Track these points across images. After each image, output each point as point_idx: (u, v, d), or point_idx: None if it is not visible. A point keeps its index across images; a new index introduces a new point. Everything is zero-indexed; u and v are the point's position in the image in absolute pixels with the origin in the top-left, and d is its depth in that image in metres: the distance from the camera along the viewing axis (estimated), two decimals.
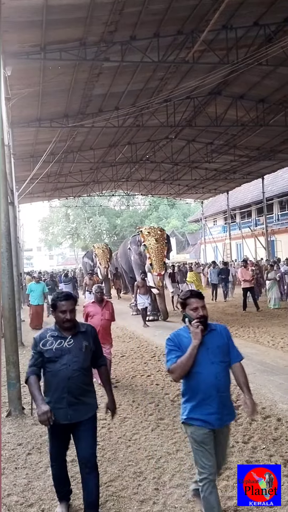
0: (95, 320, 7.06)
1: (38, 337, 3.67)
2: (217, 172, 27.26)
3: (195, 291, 3.52)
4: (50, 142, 16.75)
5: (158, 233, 15.06)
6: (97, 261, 23.30)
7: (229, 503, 3.80)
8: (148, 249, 14.62)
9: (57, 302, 3.62)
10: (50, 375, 3.57)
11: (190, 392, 3.41)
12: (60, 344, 3.57)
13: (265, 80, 14.91)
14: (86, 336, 3.70)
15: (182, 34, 11.87)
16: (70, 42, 11.21)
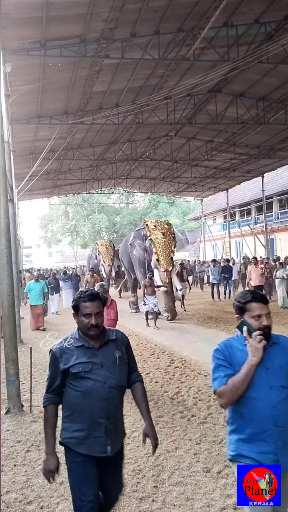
0: None
1: (57, 350, 2.89)
2: (217, 170, 27.24)
3: (257, 293, 2.78)
4: (50, 139, 16.71)
5: (165, 227, 14.41)
6: (101, 258, 22.38)
7: (228, 500, 3.80)
8: (154, 243, 13.90)
9: (80, 303, 2.90)
10: (80, 395, 2.81)
11: (240, 422, 2.67)
12: (88, 356, 2.85)
13: (266, 78, 14.88)
14: (118, 345, 3.00)
15: (182, 31, 11.83)
16: (70, 38, 11.17)
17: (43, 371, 8.58)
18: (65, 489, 4.13)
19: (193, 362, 8.72)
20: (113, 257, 22.44)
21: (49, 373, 2.92)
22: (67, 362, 2.83)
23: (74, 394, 2.83)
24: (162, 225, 14.51)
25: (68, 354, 2.86)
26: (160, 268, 13.52)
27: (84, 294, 2.95)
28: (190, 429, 5.38)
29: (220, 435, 5.16)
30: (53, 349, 2.92)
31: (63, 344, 2.92)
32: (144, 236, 14.99)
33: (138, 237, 15.64)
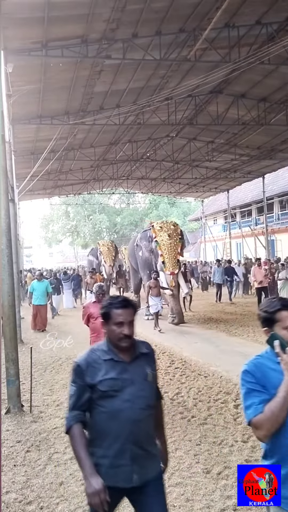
0: (98, 321, 6.81)
1: (83, 362, 2.55)
2: (217, 171, 27.23)
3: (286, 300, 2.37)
4: (51, 140, 16.70)
5: (171, 228, 13.96)
6: (102, 259, 21.98)
7: (228, 502, 3.80)
8: (160, 245, 13.51)
9: (111, 310, 2.56)
10: (106, 417, 2.45)
11: (278, 455, 2.29)
12: (118, 372, 2.49)
13: (267, 79, 14.87)
14: (148, 360, 2.65)
15: (184, 32, 11.83)
16: (72, 39, 11.17)
17: (43, 371, 8.60)
18: (65, 489, 4.13)
19: (193, 363, 8.72)
20: (115, 258, 22.08)
21: (73, 388, 2.52)
22: (94, 377, 2.48)
23: (99, 416, 2.48)
24: (168, 226, 14.12)
25: (95, 368, 2.50)
26: (166, 271, 13.15)
27: (115, 300, 2.61)
28: (190, 430, 5.38)
29: (220, 436, 5.16)
30: (78, 361, 2.57)
31: (89, 355, 2.57)
32: (150, 238, 14.58)
33: (144, 238, 15.23)
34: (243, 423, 5.54)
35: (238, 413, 5.88)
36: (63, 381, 7.79)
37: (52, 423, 5.81)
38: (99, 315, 6.16)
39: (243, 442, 5.00)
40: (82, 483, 4.18)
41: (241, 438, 5.10)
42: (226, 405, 6.22)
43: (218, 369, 8.15)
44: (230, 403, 6.25)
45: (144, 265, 15.22)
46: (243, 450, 4.80)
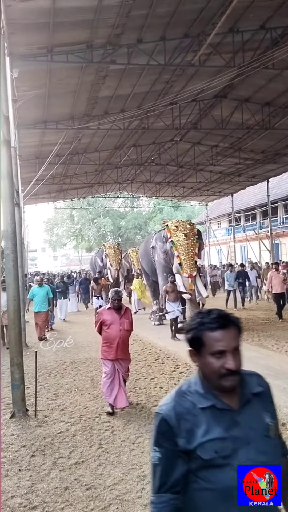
0: (112, 330, 6.25)
1: (171, 414, 1.69)
2: (222, 174, 27.23)
3: None
4: (56, 144, 16.77)
5: (187, 227, 12.94)
6: (108, 262, 20.94)
7: None
8: (176, 246, 12.52)
9: (204, 333, 1.72)
10: (212, 497, 1.66)
11: None
12: (225, 427, 1.67)
13: (271, 83, 14.89)
14: (264, 403, 1.83)
15: (188, 37, 11.87)
16: (77, 44, 11.23)
17: (47, 375, 8.62)
18: (70, 494, 4.14)
19: None
20: (121, 261, 21.30)
21: (158, 456, 1.70)
22: (192, 438, 1.65)
23: (202, 494, 1.66)
24: (184, 225, 13.08)
25: (190, 423, 1.67)
26: (183, 273, 12.12)
27: (208, 317, 1.74)
28: None
29: None
30: (162, 413, 1.72)
31: (178, 402, 1.73)
32: (164, 238, 13.61)
33: (159, 239, 14.22)
34: None
35: None
36: (67, 386, 7.81)
37: (57, 427, 5.82)
38: (113, 322, 6.28)
39: None
40: (87, 487, 4.21)
41: None
42: None
43: None
44: None
45: (160, 268, 14.35)
46: None
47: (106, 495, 4.11)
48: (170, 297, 12.14)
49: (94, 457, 4.91)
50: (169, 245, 13.02)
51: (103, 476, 4.48)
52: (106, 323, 6.26)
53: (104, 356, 6.40)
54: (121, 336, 6.28)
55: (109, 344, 6.27)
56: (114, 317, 6.29)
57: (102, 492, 4.16)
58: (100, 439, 5.38)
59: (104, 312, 6.37)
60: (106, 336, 6.30)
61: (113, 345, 6.26)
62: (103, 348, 6.38)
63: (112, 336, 6.25)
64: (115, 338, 6.25)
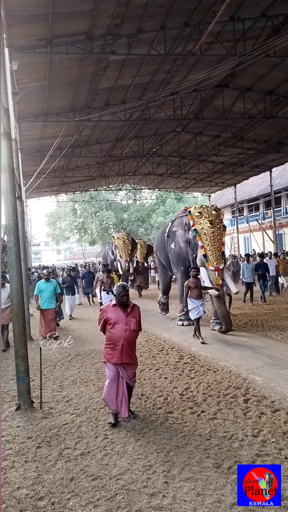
0: (117, 330, 5.56)
1: None
2: (224, 165, 27.13)
3: None
4: (57, 137, 16.72)
5: (212, 213, 11.46)
6: (117, 253, 19.71)
7: None
8: (200, 235, 11.12)
9: None
10: None
11: None
12: None
13: (273, 72, 14.77)
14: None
15: (188, 26, 11.78)
16: (77, 35, 11.16)
17: (52, 367, 8.63)
18: (76, 485, 4.15)
19: (202, 358, 8.71)
20: (131, 252, 20.06)
21: None
22: None
23: None
24: (209, 211, 11.63)
25: None
26: (209, 266, 10.77)
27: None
28: (200, 425, 5.38)
29: (230, 431, 5.15)
30: None
31: None
32: (186, 226, 12.07)
33: (180, 226, 12.57)
34: (253, 417, 5.53)
35: (248, 408, 5.87)
36: (72, 378, 7.82)
37: (62, 419, 5.84)
38: (118, 321, 5.58)
39: (253, 436, 4.99)
40: (93, 478, 4.23)
41: (251, 432, 5.09)
42: (236, 399, 6.21)
43: (227, 364, 8.13)
44: (240, 398, 6.24)
45: (178, 260, 12.80)
46: (254, 444, 4.79)
47: (112, 485, 4.12)
48: (193, 293, 10.55)
49: (99, 447, 4.92)
50: (192, 234, 11.59)
51: (109, 466, 4.49)
52: (110, 322, 5.59)
53: (106, 359, 5.69)
54: (126, 337, 5.55)
55: (113, 345, 5.58)
56: (120, 315, 5.59)
57: (108, 482, 4.18)
58: (105, 429, 5.40)
59: (108, 309, 5.68)
60: (109, 336, 5.63)
61: (117, 347, 5.55)
62: (106, 349, 5.69)
63: (116, 336, 5.57)
64: (120, 339, 5.54)
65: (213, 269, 10.77)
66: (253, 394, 6.41)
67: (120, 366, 5.63)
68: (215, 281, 10.68)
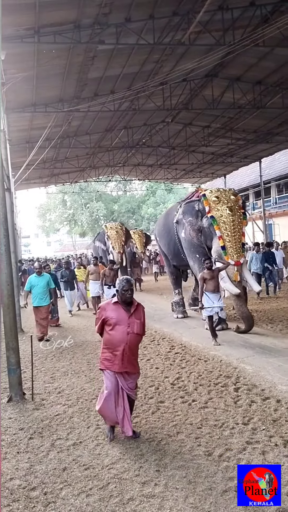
0: (117, 332, 4.78)
1: None
2: (214, 155, 27.11)
3: None
4: (46, 127, 16.59)
5: (231, 198, 10.02)
6: (110, 244, 18.45)
7: (230, 483, 3.84)
8: (218, 223, 9.61)
9: None
10: None
11: None
12: None
13: (262, 61, 14.73)
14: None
15: (177, 16, 11.70)
16: (64, 24, 11.04)
17: (44, 359, 8.64)
18: (68, 475, 4.18)
19: (193, 348, 8.76)
20: (125, 243, 18.90)
21: None
22: None
23: None
24: (227, 195, 10.10)
25: None
26: (228, 260, 9.36)
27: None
28: (191, 413, 5.42)
29: (221, 419, 5.20)
30: None
31: None
32: (199, 212, 10.48)
33: (189, 212, 10.79)
34: (243, 405, 5.59)
35: (238, 396, 5.93)
36: (64, 369, 7.84)
37: (54, 410, 5.86)
38: (119, 321, 4.81)
39: (244, 424, 5.04)
40: (85, 467, 4.25)
41: (242, 420, 5.15)
42: (227, 388, 6.26)
43: (217, 353, 8.19)
44: (231, 387, 6.29)
45: (191, 248, 10.89)
46: (244, 432, 4.84)
47: (104, 474, 4.15)
48: (209, 286, 9.19)
49: (91, 437, 4.95)
50: (207, 221, 10.01)
51: (101, 456, 4.52)
52: (109, 322, 4.82)
53: (104, 366, 4.90)
54: (128, 341, 4.78)
55: (112, 350, 4.82)
56: (122, 315, 4.82)
57: (100, 471, 4.20)
58: (97, 420, 5.42)
59: (108, 307, 4.89)
60: (108, 339, 4.86)
61: (116, 352, 4.80)
62: (103, 355, 4.92)
63: (116, 340, 4.80)
64: (120, 344, 4.77)
65: (233, 263, 9.35)
66: (243, 382, 6.47)
67: (119, 375, 4.87)
68: (234, 277, 9.40)
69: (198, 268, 10.48)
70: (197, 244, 10.67)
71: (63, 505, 3.71)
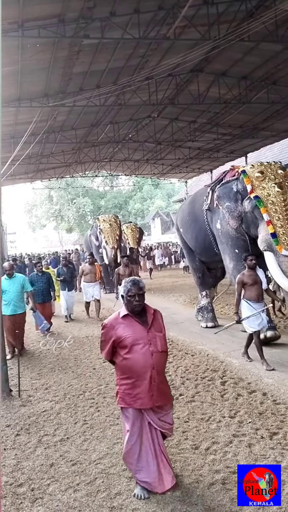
0: (138, 355, 3.62)
1: None
2: (200, 151, 27.13)
3: None
4: (31, 122, 16.45)
5: (278, 173, 8.03)
6: (103, 239, 16.96)
7: (217, 476, 3.87)
8: (265, 205, 7.64)
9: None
10: None
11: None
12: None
13: (247, 56, 14.74)
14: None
15: (162, 10, 11.64)
16: (49, 18, 10.93)
17: (31, 355, 8.61)
18: (56, 470, 4.18)
19: (180, 342, 8.80)
20: (120, 237, 17.46)
21: None
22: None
23: None
24: (274, 170, 8.13)
25: None
26: (280, 251, 7.27)
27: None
28: (178, 407, 5.45)
29: (208, 413, 5.23)
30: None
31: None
32: (238, 194, 8.41)
33: (227, 196, 8.62)
34: (230, 399, 5.63)
35: (225, 390, 5.97)
36: (51, 365, 7.82)
37: (41, 406, 5.84)
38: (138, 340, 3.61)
39: (230, 417, 5.08)
40: (73, 463, 4.25)
41: (228, 413, 5.18)
42: (213, 382, 6.30)
43: (204, 348, 8.23)
44: (217, 380, 6.33)
45: (229, 242, 8.87)
46: (231, 425, 4.88)
47: (92, 469, 4.16)
48: (250, 293, 7.22)
49: (79, 433, 4.95)
50: (250, 204, 8.03)
51: (88, 451, 4.52)
52: (123, 343, 3.64)
53: (126, 403, 3.70)
54: (154, 364, 3.66)
55: (134, 380, 3.64)
56: (138, 331, 3.69)
57: (87, 466, 4.21)
58: (84, 415, 5.42)
59: (118, 324, 3.71)
60: (126, 366, 3.66)
61: (142, 382, 3.63)
62: (121, 387, 3.72)
63: (138, 366, 3.62)
64: (146, 370, 3.62)
65: (285, 254, 7.29)
66: (230, 376, 6.52)
67: (149, 411, 3.73)
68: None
69: (233, 266, 8.65)
70: (236, 236, 8.63)
71: (50, 501, 3.71)
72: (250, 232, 8.22)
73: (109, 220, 17.72)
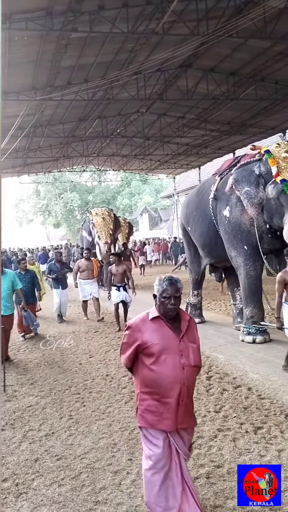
0: (166, 367, 3.00)
1: None
2: (188, 147, 27.16)
3: None
4: (18, 116, 16.31)
5: None
6: (95, 234, 16.01)
7: (201, 470, 3.90)
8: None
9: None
10: None
11: None
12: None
13: (236, 52, 14.76)
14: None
15: (151, 4, 11.60)
16: (36, 11, 10.84)
17: (16, 350, 8.57)
18: (40, 465, 4.17)
19: None
20: (114, 231, 16.35)
21: None
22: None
23: None
24: None
25: None
26: None
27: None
28: None
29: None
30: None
31: None
32: (261, 177, 7.44)
33: (247, 179, 7.56)
34: (215, 394, 5.66)
35: (210, 385, 6.01)
36: (37, 360, 7.79)
37: (27, 401, 5.83)
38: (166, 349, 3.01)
39: (216, 412, 5.11)
40: (58, 458, 4.25)
41: (214, 408, 5.21)
42: (199, 377, 6.32)
43: None
44: (203, 375, 6.36)
45: (237, 235, 7.98)
46: (216, 420, 4.91)
47: (77, 464, 4.16)
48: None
49: (64, 428, 4.94)
50: (275, 189, 7.05)
51: (74, 446, 4.52)
52: (150, 351, 3.04)
53: (146, 423, 3.08)
54: (186, 379, 3.04)
55: (160, 396, 3.03)
56: (168, 339, 3.08)
57: (72, 461, 4.21)
58: (70, 410, 5.42)
59: (145, 327, 3.11)
60: (151, 379, 3.05)
61: (168, 399, 3.02)
62: (143, 403, 3.09)
63: (166, 380, 3.01)
64: (174, 386, 3.01)
65: None
66: (215, 371, 6.56)
67: (175, 434, 3.09)
68: None
69: (242, 263, 7.90)
70: (247, 230, 7.76)
71: (34, 496, 3.70)
72: (273, 222, 7.23)
73: (102, 213, 16.76)
